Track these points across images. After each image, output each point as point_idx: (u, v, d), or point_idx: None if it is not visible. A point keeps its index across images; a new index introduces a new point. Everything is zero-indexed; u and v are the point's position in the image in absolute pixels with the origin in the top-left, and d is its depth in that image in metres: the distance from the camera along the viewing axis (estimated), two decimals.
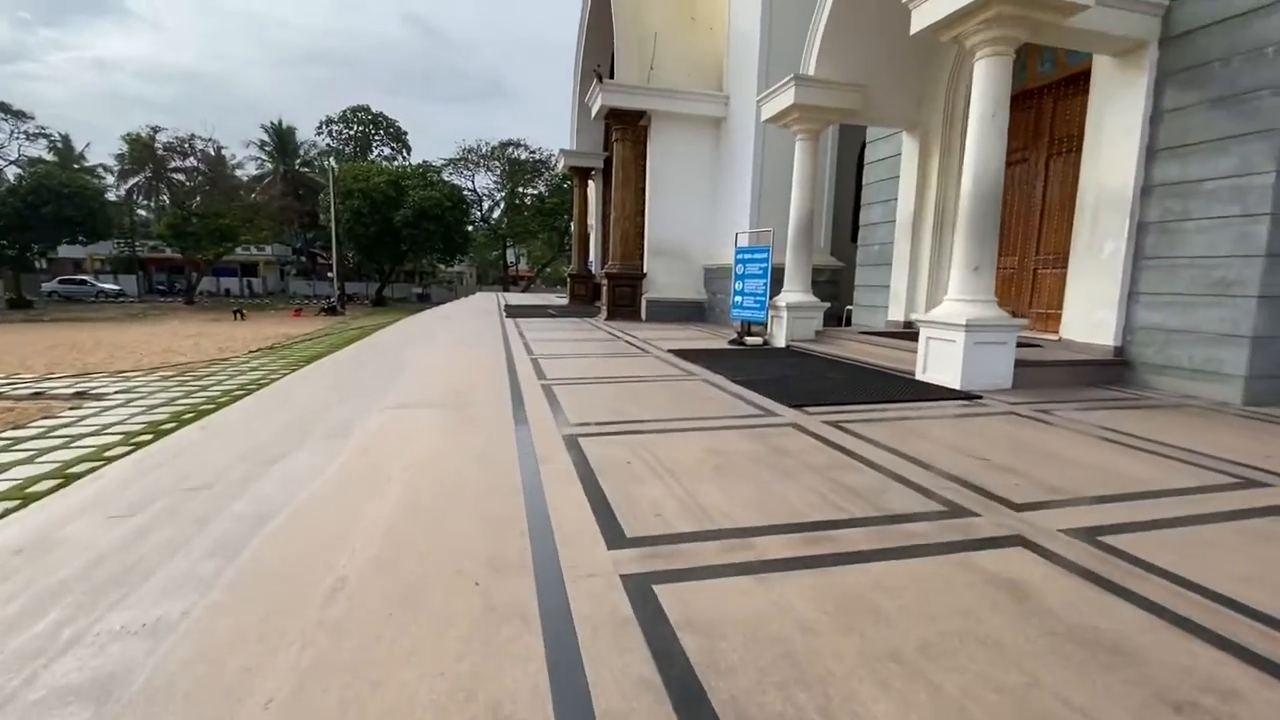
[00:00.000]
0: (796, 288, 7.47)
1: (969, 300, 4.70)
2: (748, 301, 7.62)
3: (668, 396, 4.30)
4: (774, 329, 7.55)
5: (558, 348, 7.05)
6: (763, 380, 4.88)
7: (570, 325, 10.24)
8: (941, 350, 4.80)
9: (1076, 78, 5.91)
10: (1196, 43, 4.59)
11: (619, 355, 6.50)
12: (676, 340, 8.01)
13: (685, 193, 11.61)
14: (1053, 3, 4.19)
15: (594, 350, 6.90)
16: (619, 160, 11.40)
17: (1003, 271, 6.85)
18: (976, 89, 4.63)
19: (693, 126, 11.48)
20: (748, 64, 10.43)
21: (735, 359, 6.21)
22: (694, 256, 11.87)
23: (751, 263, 7.56)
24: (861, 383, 4.86)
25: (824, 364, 5.89)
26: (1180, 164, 4.71)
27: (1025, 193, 6.60)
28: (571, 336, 8.39)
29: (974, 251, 4.69)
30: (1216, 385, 4.49)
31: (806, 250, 7.44)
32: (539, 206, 42.53)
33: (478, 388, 4.53)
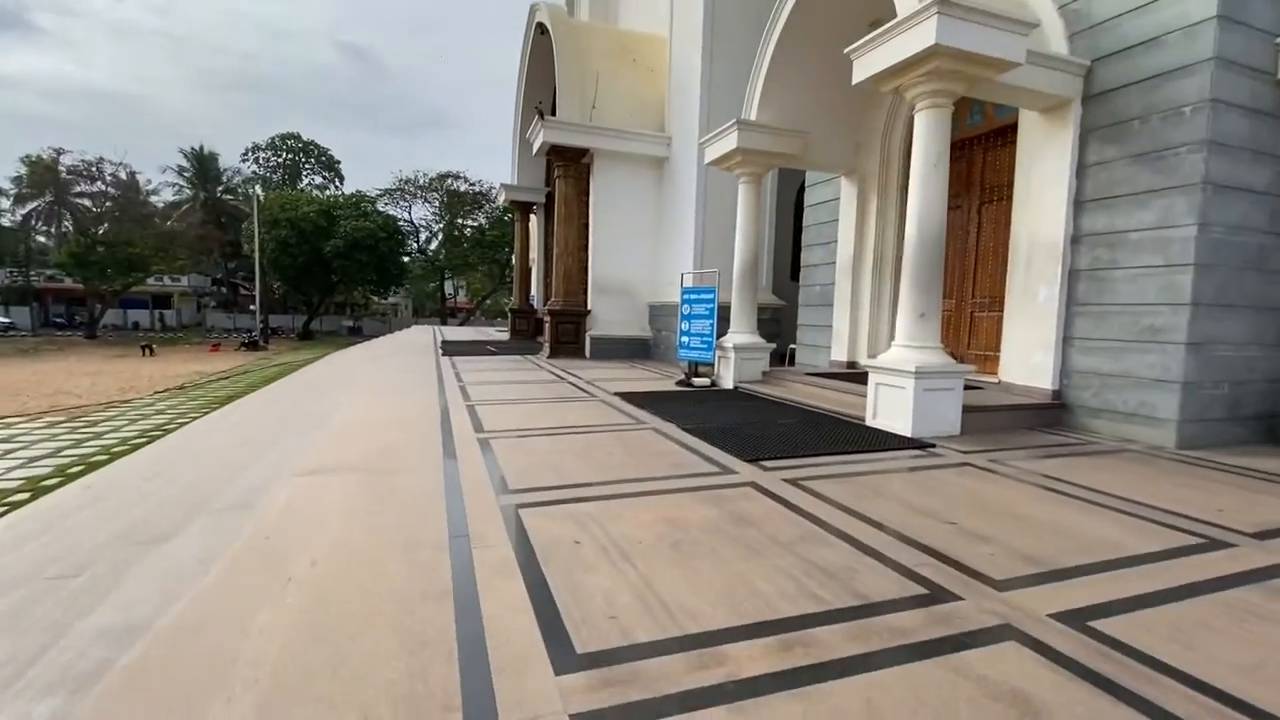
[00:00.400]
0: (743, 328, 7.39)
1: (916, 346, 4.68)
2: (694, 342, 7.49)
3: (617, 451, 4.02)
4: (721, 370, 7.43)
5: (497, 391, 6.66)
6: (714, 429, 4.67)
7: (511, 364, 9.84)
8: (891, 396, 4.75)
9: (1004, 130, 6.17)
10: (1116, 101, 4.83)
11: (563, 400, 6.18)
12: (623, 381, 7.76)
13: (629, 230, 11.54)
14: (987, 59, 4.30)
15: (536, 394, 6.55)
16: (561, 196, 11.23)
17: (941, 314, 6.99)
18: (918, 141, 4.69)
19: (635, 165, 11.49)
20: (689, 107, 10.56)
21: (684, 403, 6.00)
22: (638, 293, 11.75)
23: (698, 303, 7.46)
24: (814, 431, 4.72)
25: (774, 408, 5.76)
26: (1107, 215, 4.90)
27: (960, 239, 6.80)
28: (512, 378, 8.00)
29: (919, 298, 4.69)
30: (1151, 429, 4.60)
31: (751, 291, 7.40)
32: (479, 239, 41.91)
33: (406, 445, 4.11)
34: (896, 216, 7.35)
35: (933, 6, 4.09)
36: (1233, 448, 4.55)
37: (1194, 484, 3.55)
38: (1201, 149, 4.31)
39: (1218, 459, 4.19)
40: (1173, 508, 3.05)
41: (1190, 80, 4.37)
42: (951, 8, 4.12)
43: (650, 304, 11.73)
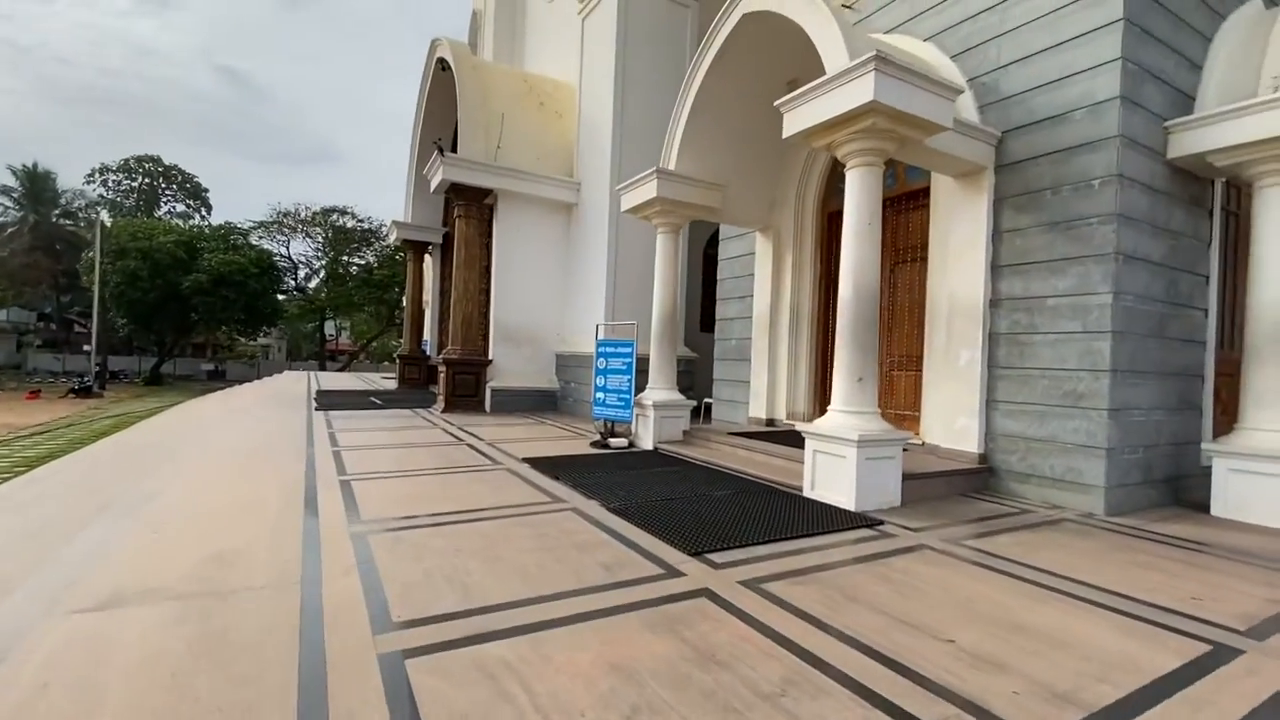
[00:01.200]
0: (662, 385, 6.93)
1: (855, 412, 4.39)
2: (611, 399, 6.91)
3: (535, 547, 3.29)
4: (640, 429, 6.87)
5: (382, 459, 5.67)
6: (645, 507, 4.06)
7: (400, 420, 8.72)
8: (831, 466, 4.40)
9: (916, 194, 6.28)
10: (1028, 172, 4.96)
11: (463, 469, 5.32)
12: (531, 442, 6.99)
13: (536, 276, 10.92)
14: (918, 120, 4.22)
15: (430, 463, 5.63)
16: (461, 237, 10.44)
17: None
18: (850, 200, 4.52)
19: (543, 209, 10.98)
20: (599, 154, 10.28)
21: (603, 470, 5.36)
22: (545, 342, 11.06)
23: (614, 357, 6.92)
24: (753, 506, 4.24)
25: (703, 476, 5.25)
26: (1023, 280, 4.96)
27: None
28: (401, 439, 6.97)
29: (857, 361, 4.44)
30: (1079, 495, 4.56)
31: (671, 344, 6.99)
32: (365, 278, 39.29)
33: (251, 547, 3.14)
34: (812, 273, 7.30)
35: (870, 62, 3.95)
36: (1150, 512, 4.59)
37: (1150, 563, 3.39)
38: (1112, 221, 4.44)
39: (1148, 527, 4.16)
40: (1149, 598, 2.82)
41: (1097, 155, 4.54)
42: (889, 66, 4.00)
43: (557, 353, 11.06)
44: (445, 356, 10.17)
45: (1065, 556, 3.43)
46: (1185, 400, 5.08)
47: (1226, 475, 4.54)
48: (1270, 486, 4.35)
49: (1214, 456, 4.60)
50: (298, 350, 56.81)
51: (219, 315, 32.67)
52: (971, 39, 5.38)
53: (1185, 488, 5.03)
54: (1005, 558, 3.36)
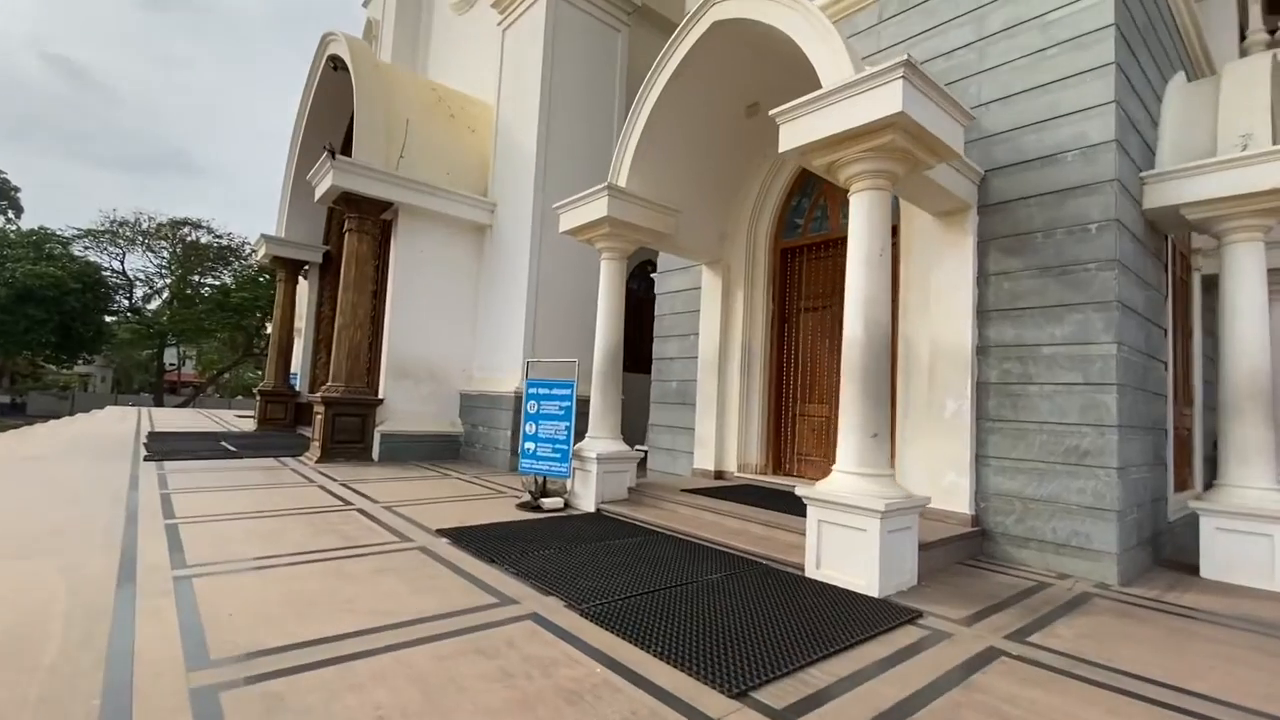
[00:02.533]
0: (605, 433, 5.95)
1: (871, 474, 3.71)
2: (543, 450, 5.81)
3: (503, 705, 2.18)
4: (578, 486, 5.81)
5: (241, 538, 4.18)
6: (627, 607, 3.06)
7: (263, 473, 6.96)
8: (844, 541, 3.66)
9: None
10: (1016, 213, 4.69)
11: (361, 551, 3.99)
12: (440, 502, 5.67)
13: (440, 304, 9.57)
14: (936, 143, 3.75)
15: (314, 542, 4.22)
16: (351, 255, 8.92)
17: (811, 420, 6.38)
18: (857, 228, 3.94)
19: (452, 230, 9.74)
20: (520, 174, 9.31)
21: (549, 545, 4.26)
22: (449, 380, 9.66)
23: (549, 400, 5.86)
24: (759, 597, 3.38)
25: (675, 550, 4.32)
26: (1014, 327, 4.63)
27: (830, 342, 6.34)
28: (268, 504, 5.39)
29: (871, 413, 3.78)
30: (1088, 562, 4.16)
31: (615, 386, 6.06)
32: (220, 300, 34.59)
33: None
34: (765, 313, 6.74)
35: (899, 69, 3.42)
36: (1150, 578, 4.29)
37: (1233, 655, 2.92)
38: (1112, 266, 4.21)
39: (1169, 599, 3.80)
40: (1256, 705, 2.28)
41: (1093, 199, 4.33)
42: (917, 75, 3.50)
43: (463, 392, 9.70)
44: (325, 394, 8.48)
45: (1147, 654, 2.87)
46: (1158, 455, 4.95)
47: (1214, 534, 4.36)
48: (1259, 547, 4.20)
49: (1201, 514, 4.42)
50: (128, 381, 48.76)
51: (20, 338, 27.03)
52: (949, 75, 5.14)
53: (1159, 546, 4.86)
54: (1091, 661, 2.74)
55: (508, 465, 8.44)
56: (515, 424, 8.48)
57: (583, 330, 9.49)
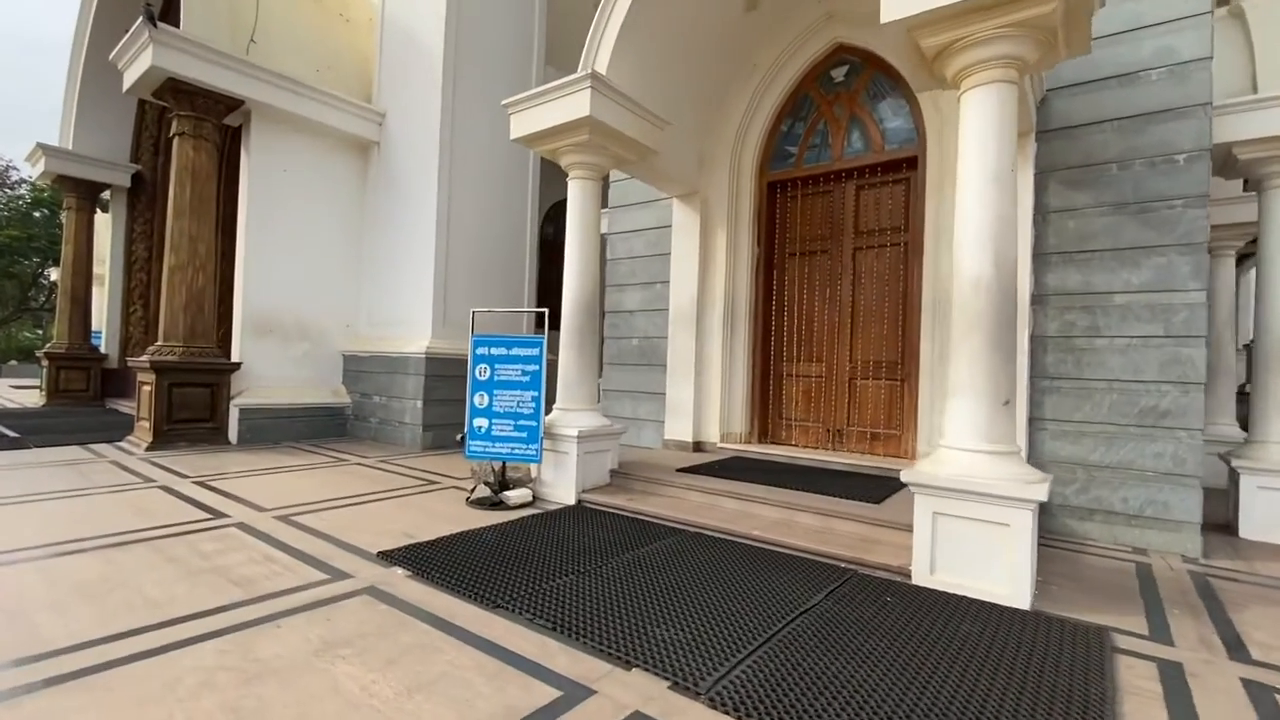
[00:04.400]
0: (581, 402, 4.67)
1: (1003, 452, 2.90)
2: (501, 428, 4.41)
3: None
4: (549, 472, 4.52)
5: (38, 611, 2.47)
6: (773, 683, 1.98)
7: (64, 474, 4.83)
8: (973, 539, 2.83)
9: (896, 164, 5.14)
10: (1086, 140, 4.06)
11: (271, 611, 2.48)
12: (354, 503, 4.12)
13: (312, 240, 7.48)
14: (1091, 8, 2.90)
15: (173, 603, 2.62)
16: (185, 170, 6.55)
17: (803, 381, 5.60)
18: (978, 132, 3.01)
19: (326, 144, 7.59)
20: (422, 77, 7.38)
21: (558, 569, 3.01)
22: (328, 338, 7.67)
23: (506, 362, 4.44)
24: (904, 635, 2.46)
25: (727, 559, 3.27)
26: (1081, 272, 4.05)
27: (825, 291, 5.54)
28: (77, 527, 3.52)
29: (1001, 374, 2.94)
30: (1166, 535, 3.75)
31: (592, 343, 4.78)
32: None
33: None
34: (750, 256, 5.76)
35: None
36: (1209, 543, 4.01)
37: None
38: (1202, 204, 3.71)
39: (1257, 571, 3.46)
40: None
41: (1184, 124, 3.78)
42: None
43: (348, 353, 7.77)
44: (155, 358, 6.23)
45: None
46: None
47: (1254, 493, 4.18)
48: None
49: (1242, 473, 4.22)
50: None
51: None
52: None
53: None
54: None
55: (419, 443, 6.84)
56: (426, 392, 6.86)
57: (507, 277, 7.96)
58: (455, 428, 7.18)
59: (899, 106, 5.11)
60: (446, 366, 7.04)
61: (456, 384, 7.14)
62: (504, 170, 7.88)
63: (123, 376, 10.82)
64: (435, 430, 6.97)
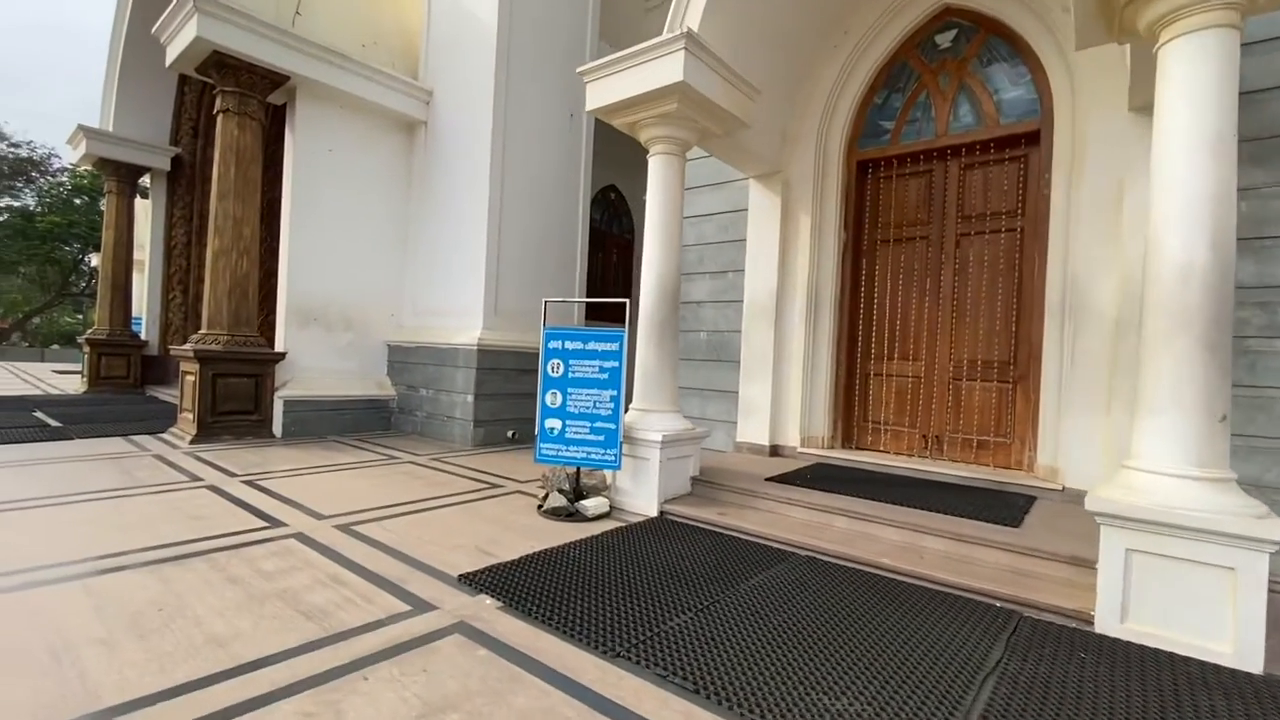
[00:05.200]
0: (662, 403, 4.23)
1: (1219, 479, 2.38)
2: (576, 430, 3.99)
3: None
4: (627, 480, 4.09)
5: (80, 645, 2.11)
6: None
7: (107, 470, 4.55)
8: (1182, 583, 2.33)
9: (1011, 140, 4.57)
10: (1266, 108, 3.47)
11: (349, 658, 2.10)
12: (418, 509, 3.75)
13: (357, 225, 7.14)
14: None
15: (240, 642, 2.25)
16: (229, 149, 6.23)
17: (894, 381, 5.08)
18: (1186, 95, 2.48)
19: (371, 123, 7.22)
20: (472, 55, 6.96)
21: (668, 602, 2.58)
22: (372, 327, 7.35)
23: (583, 358, 4.01)
24: (1105, 709, 1.98)
25: (862, 596, 2.81)
26: (1257, 262, 3.48)
27: (923, 281, 5.01)
28: (125, 535, 3.20)
29: (1217, 383, 2.43)
30: None
31: (673, 336, 4.33)
32: (22, 226, 27.50)
33: None
34: (836, 242, 5.24)
35: None
36: None
37: None
38: None
39: None
40: None
41: None
42: None
43: (392, 344, 7.44)
44: (199, 347, 5.94)
45: None
46: None
47: None
48: None
49: None
50: None
51: None
52: None
53: None
54: None
55: (469, 440, 6.48)
56: (478, 385, 6.49)
57: (557, 266, 7.54)
58: (507, 424, 6.82)
59: (1018, 74, 4.53)
60: (498, 359, 6.66)
61: (508, 377, 6.76)
62: (555, 151, 7.44)
63: (162, 363, 10.70)
64: (486, 426, 6.60)
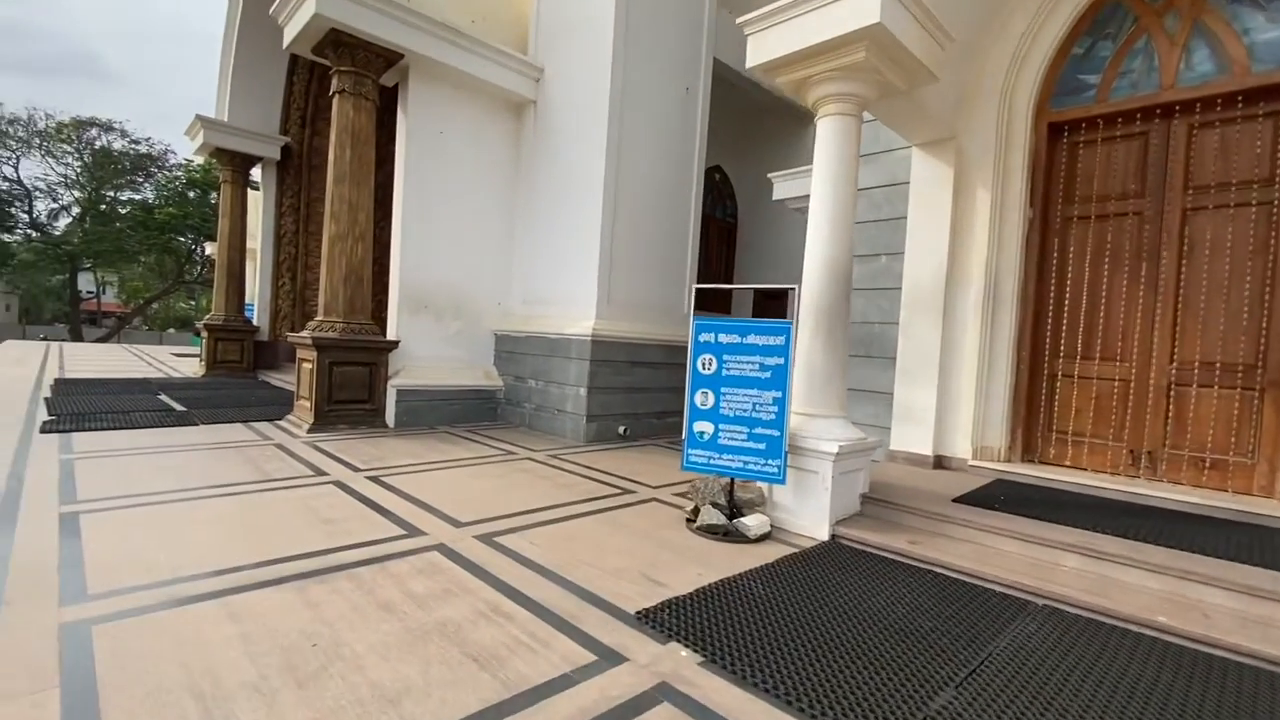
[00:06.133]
0: (830, 407, 3.65)
1: None
2: (732, 435, 3.49)
3: None
4: (789, 496, 3.55)
5: (229, 693, 1.80)
6: None
7: (234, 461, 4.45)
8: None
9: (1270, 92, 3.67)
10: None
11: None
12: (558, 518, 3.36)
13: (467, 208, 6.89)
14: None
15: (402, 688, 1.89)
16: (345, 131, 6.08)
17: (1090, 385, 4.27)
18: None
19: (482, 103, 6.94)
20: (587, 32, 6.52)
21: (879, 662, 2.04)
22: (480, 315, 7.12)
23: (740, 353, 3.49)
24: None
25: (1138, 671, 2.17)
26: None
27: (1139, 267, 4.17)
28: (251, 553, 2.96)
29: None
30: None
31: (844, 329, 3.73)
32: (142, 218, 29.79)
33: None
34: (1020, 220, 4.47)
35: None
36: None
37: None
38: None
39: None
40: None
41: None
42: None
43: (499, 333, 7.19)
44: (317, 335, 5.84)
45: None
46: None
47: None
48: None
49: None
50: (37, 310, 43.01)
51: None
52: None
53: None
54: None
55: (581, 435, 6.11)
56: (591, 378, 6.10)
57: (670, 252, 7.05)
58: (618, 419, 6.42)
59: None
60: (611, 351, 6.26)
61: (619, 370, 6.35)
62: (670, 129, 6.92)
63: (271, 348, 11.03)
64: (599, 421, 6.22)
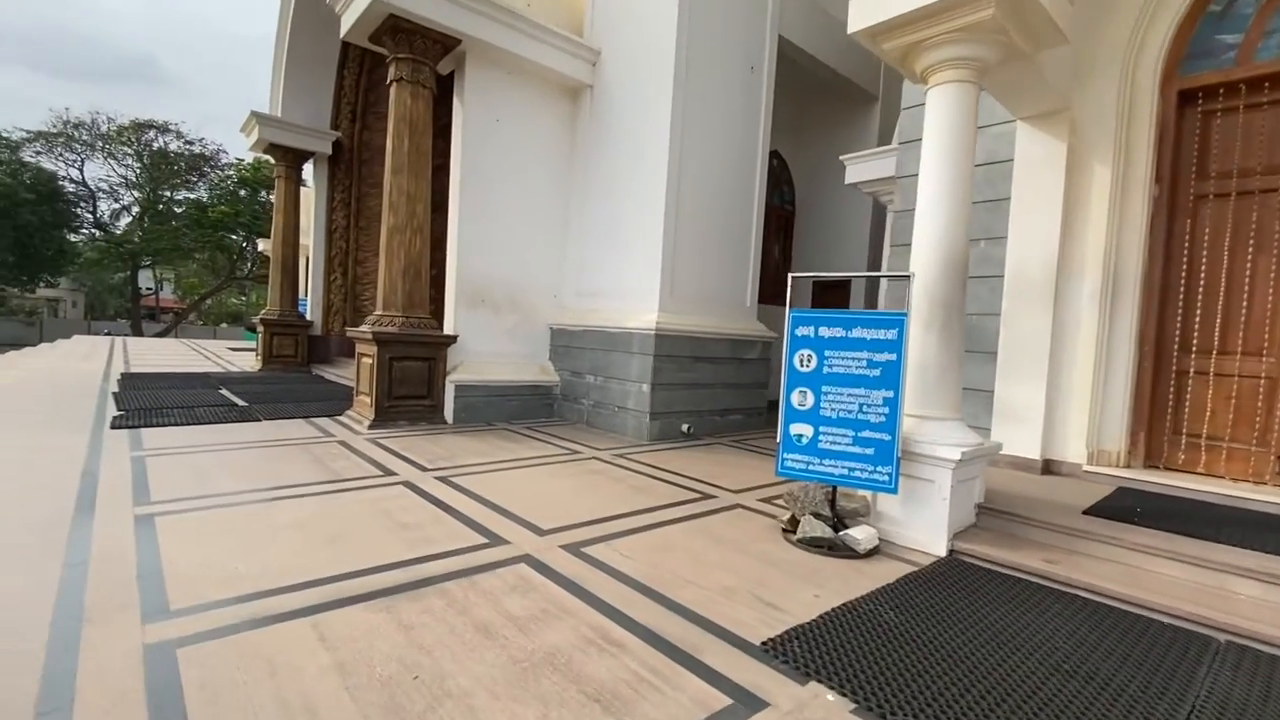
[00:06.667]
0: (944, 409, 3.31)
1: None
2: (835, 439, 3.19)
3: None
4: (897, 507, 3.24)
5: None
6: None
7: (300, 458, 4.35)
8: None
9: None
10: None
11: None
12: (641, 526, 3.12)
13: (523, 198, 6.70)
14: None
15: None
16: (403, 120, 5.93)
17: (1228, 383, 3.80)
18: None
19: (538, 89, 6.72)
20: (643, 6, 6.22)
21: (1067, 714, 1.74)
22: (536, 309, 6.93)
23: (845, 348, 3.18)
24: None
25: None
26: None
27: (1273, 242, 3.68)
28: (333, 563, 2.80)
29: None
30: None
31: (960, 326, 3.38)
32: (196, 217, 30.77)
33: None
34: (1144, 201, 4.01)
35: None
36: None
37: None
38: None
39: None
40: None
41: None
42: None
43: (555, 327, 7.00)
44: (377, 330, 5.73)
45: None
46: None
47: None
48: None
49: None
50: (101, 306, 45.00)
51: None
52: None
53: None
54: None
55: (644, 433, 5.87)
56: (654, 374, 5.85)
57: (732, 243, 6.73)
58: (681, 416, 6.16)
59: None
60: (674, 345, 5.99)
61: (682, 365, 6.08)
62: (733, 113, 6.57)
63: (324, 343, 11.11)
64: (662, 419, 5.97)
